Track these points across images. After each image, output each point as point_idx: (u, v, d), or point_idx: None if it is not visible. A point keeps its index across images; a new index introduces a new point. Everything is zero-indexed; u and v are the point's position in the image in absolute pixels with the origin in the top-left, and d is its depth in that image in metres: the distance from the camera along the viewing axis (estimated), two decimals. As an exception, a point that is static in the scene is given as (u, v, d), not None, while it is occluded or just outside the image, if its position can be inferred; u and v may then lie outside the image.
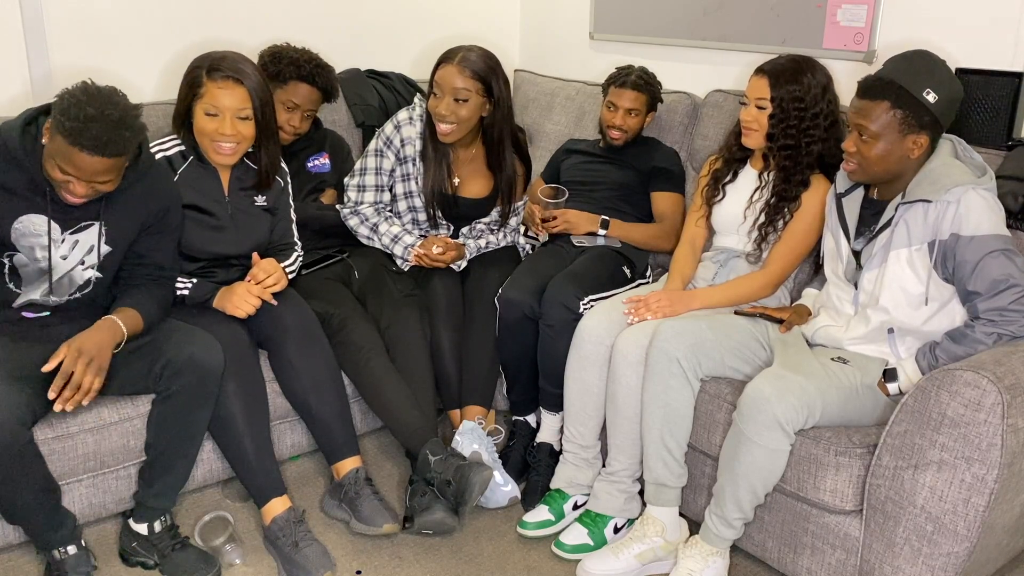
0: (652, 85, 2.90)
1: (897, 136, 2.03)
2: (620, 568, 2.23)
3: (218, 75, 2.29)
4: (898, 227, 2.06)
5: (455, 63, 2.66)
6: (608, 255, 2.73)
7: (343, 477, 2.40)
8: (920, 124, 2.02)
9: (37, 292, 2.15)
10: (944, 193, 1.98)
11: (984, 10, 2.49)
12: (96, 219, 2.13)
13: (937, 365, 2.00)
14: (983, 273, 1.95)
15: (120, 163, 1.98)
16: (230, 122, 2.30)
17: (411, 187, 2.83)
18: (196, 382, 2.15)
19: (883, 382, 2.08)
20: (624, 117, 2.86)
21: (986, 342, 1.95)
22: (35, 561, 2.23)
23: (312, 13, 3.34)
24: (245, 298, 2.36)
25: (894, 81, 2.02)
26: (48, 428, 2.15)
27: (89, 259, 2.16)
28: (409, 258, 2.81)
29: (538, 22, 3.88)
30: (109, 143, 1.91)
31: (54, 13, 2.82)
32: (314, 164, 2.91)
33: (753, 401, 2.01)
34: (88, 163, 1.92)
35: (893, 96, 2.01)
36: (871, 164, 2.07)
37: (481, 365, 2.66)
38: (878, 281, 2.11)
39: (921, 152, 2.05)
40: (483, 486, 2.29)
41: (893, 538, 1.92)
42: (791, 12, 2.93)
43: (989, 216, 1.97)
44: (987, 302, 1.96)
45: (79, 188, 1.98)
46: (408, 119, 2.80)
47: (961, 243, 1.97)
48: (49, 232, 2.09)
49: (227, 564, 2.26)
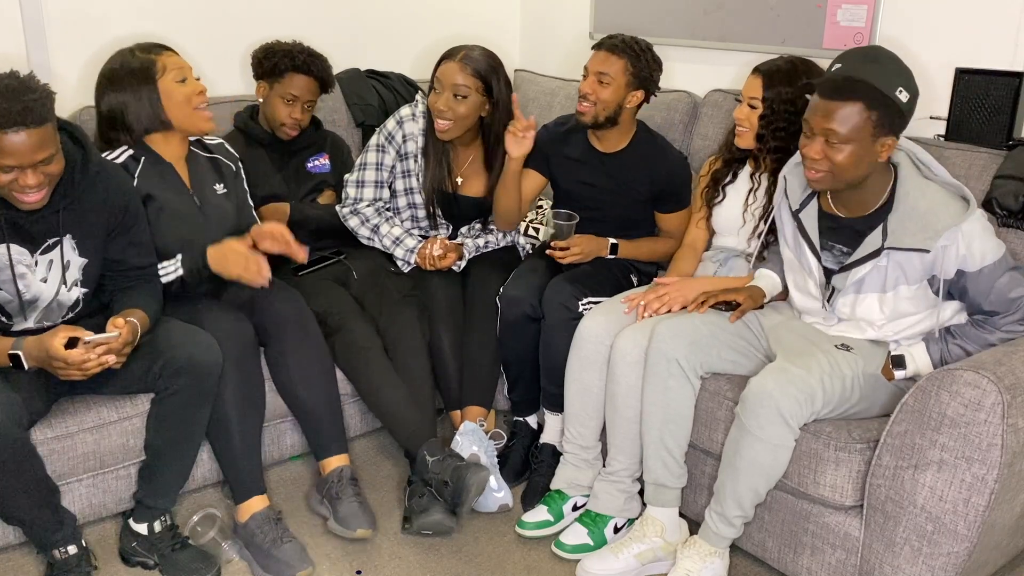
0: (637, 54, 2.50)
1: (868, 139, 1.93)
2: (620, 568, 2.23)
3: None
4: (890, 266, 2.02)
5: (457, 60, 2.66)
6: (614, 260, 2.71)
7: (328, 474, 2.40)
8: (891, 125, 1.94)
9: (30, 321, 2.13)
10: (939, 239, 1.93)
11: (984, 10, 2.50)
12: (59, 234, 2.08)
13: (951, 358, 2.01)
14: (998, 295, 1.97)
15: (50, 132, 1.89)
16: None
17: (411, 184, 2.82)
18: (195, 382, 2.14)
19: (890, 367, 2.06)
20: (593, 84, 2.52)
21: (998, 344, 1.99)
22: (35, 561, 2.23)
23: (312, 13, 3.34)
24: (239, 254, 2.32)
25: (865, 80, 1.92)
26: (48, 428, 2.15)
27: (71, 276, 2.13)
28: (411, 261, 2.81)
29: (538, 22, 3.88)
30: (24, 111, 1.83)
31: (53, 11, 2.81)
32: (314, 165, 2.91)
33: (756, 396, 2.01)
34: (18, 142, 1.84)
35: (866, 96, 1.91)
36: (842, 171, 1.96)
37: (482, 365, 2.66)
38: (862, 309, 2.10)
39: (887, 154, 1.98)
40: (480, 487, 2.29)
41: (893, 538, 1.92)
42: (791, 12, 2.93)
43: (987, 242, 1.96)
44: (1005, 318, 1.99)
45: (29, 178, 1.90)
46: (411, 115, 2.79)
47: (970, 278, 1.96)
48: (10, 258, 2.03)
49: (226, 561, 2.26)
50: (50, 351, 1.95)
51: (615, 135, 2.66)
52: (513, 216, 2.76)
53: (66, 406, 2.21)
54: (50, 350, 1.95)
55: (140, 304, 2.17)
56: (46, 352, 1.96)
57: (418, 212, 2.87)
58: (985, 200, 2.26)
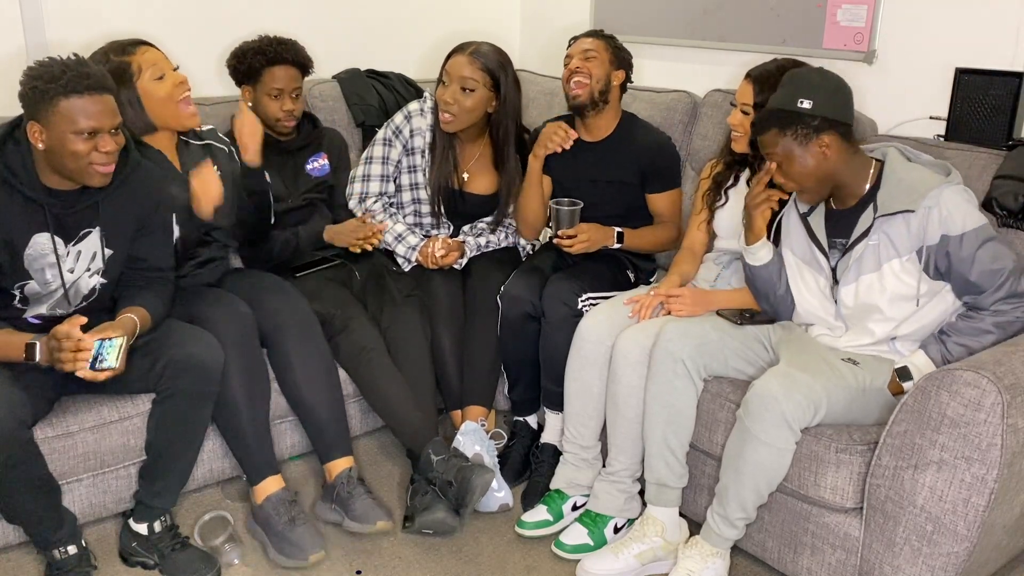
0: (609, 38, 2.68)
1: (802, 151, 2.06)
2: (620, 568, 2.23)
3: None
4: (882, 242, 2.06)
5: (467, 53, 2.69)
6: (612, 257, 2.72)
7: (335, 478, 2.40)
8: (814, 129, 2.04)
9: (44, 307, 2.14)
10: (923, 199, 2.00)
11: (984, 10, 2.50)
12: (93, 225, 2.12)
13: (953, 358, 2.01)
14: (980, 265, 1.98)
15: (115, 103, 2.00)
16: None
17: (417, 179, 2.82)
18: (197, 382, 2.15)
19: (898, 381, 2.05)
20: (581, 60, 2.61)
21: (994, 331, 1.99)
22: (35, 561, 2.23)
23: (312, 13, 3.34)
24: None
25: (770, 108, 2.10)
26: (48, 427, 2.15)
27: (94, 265, 2.15)
28: (412, 259, 2.81)
29: (538, 22, 3.88)
30: (101, 76, 1.97)
31: (52, 6, 2.81)
32: (313, 167, 2.88)
33: (760, 399, 2.01)
34: (100, 104, 1.94)
35: (775, 121, 2.07)
36: (804, 183, 2.10)
37: (482, 365, 2.66)
38: (863, 293, 2.11)
39: (836, 152, 2.06)
40: (484, 488, 2.30)
41: (893, 538, 1.92)
42: (791, 12, 2.93)
43: (971, 210, 2.01)
44: (990, 296, 2.00)
45: (109, 143, 1.98)
46: (419, 110, 2.80)
47: (953, 243, 1.99)
48: (55, 248, 2.07)
49: (226, 564, 2.26)
50: (61, 328, 1.96)
51: (603, 121, 2.69)
52: (540, 221, 2.81)
53: (67, 405, 2.21)
54: (62, 327, 1.96)
55: (145, 303, 2.18)
56: (58, 332, 1.96)
57: (422, 208, 2.87)
58: (985, 200, 2.26)
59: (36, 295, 2.11)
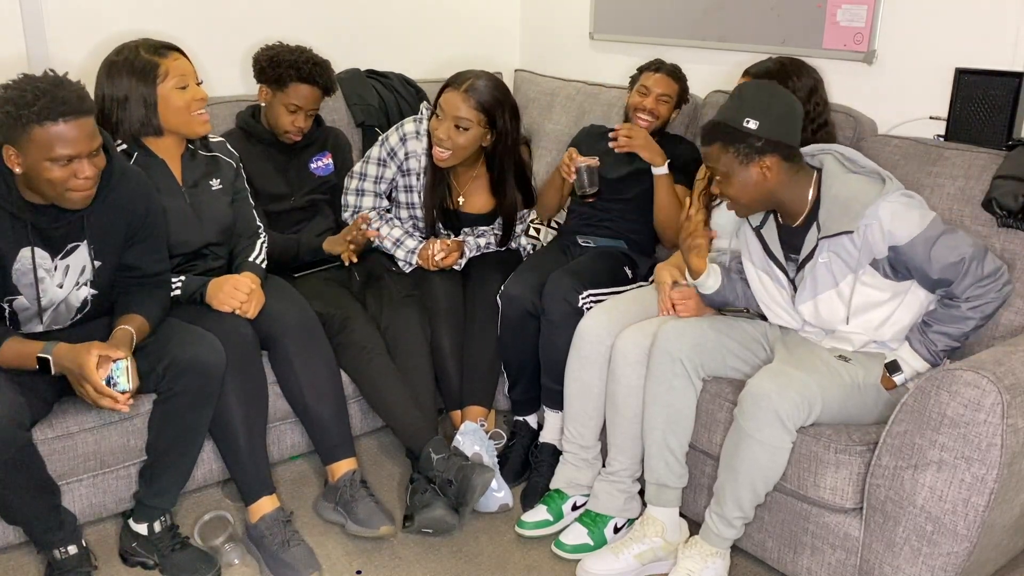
0: (683, 80, 2.86)
1: (742, 168, 2.05)
2: (620, 568, 2.23)
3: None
4: (832, 260, 2.06)
5: (461, 90, 2.62)
6: (611, 254, 2.73)
7: (338, 479, 2.40)
8: (757, 151, 2.03)
9: (39, 326, 2.13)
10: (860, 219, 2.00)
11: (984, 10, 2.49)
12: (80, 239, 2.09)
13: (936, 348, 2.03)
14: (938, 262, 1.98)
15: (94, 124, 1.93)
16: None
17: (413, 199, 2.82)
18: (198, 383, 2.14)
19: (888, 376, 2.07)
20: (655, 102, 2.78)
21: (974, 316, 2.00)
22: (35, 561, 2.23)
23: (312, 13, 3.34)
24: (231, 295, 2.35)
25: (718, 121, 2.07)
26: (48, 428, 2.15)
27: (83, 278, 2.13)
28: (412, 262, 2.80)
29: (538, 22, 3.88)
30: (78, 99, 1.88)
31: (52, 6, 2.81)
32: (317, 166, 2.89)
33: (754, 397, 2.01)
34: (76, 129, 1.87)
35: (720, 136, 2.06)
36: (739, 199, 2.10)
37: (482, 365, 2.66)
38: (824, 311, 2.12)
39: (776, 173, 2.05)
40: (484, 488, 2.30)
41: (893, 538, 1.92)
42: (791, 12, 2.93)
43: (911, 216, 2.00)
44: (959, 285, 1.99)
45: (87, 168, 1.92)
46: (415, 133, 2.76)
47: (903, 250, 2.00)
48: (34, 261, 2.03)
49: (227, 564, 2.26)
50: (84, 370, 1.95)
51: None
52: (556, 210, 2.99)
53: (67, 406, 2.21)
54: (84, 369, 1.95)
55: (142, 309, 2.17)
56: (79, 368, 1.96)
57: (420, 224, 2.86)
58: (985, 200, 2.26)
59: (25, 312, 2.09)
